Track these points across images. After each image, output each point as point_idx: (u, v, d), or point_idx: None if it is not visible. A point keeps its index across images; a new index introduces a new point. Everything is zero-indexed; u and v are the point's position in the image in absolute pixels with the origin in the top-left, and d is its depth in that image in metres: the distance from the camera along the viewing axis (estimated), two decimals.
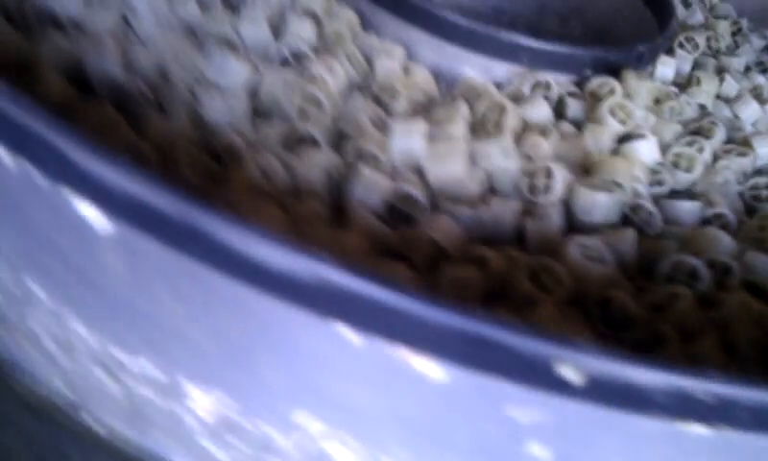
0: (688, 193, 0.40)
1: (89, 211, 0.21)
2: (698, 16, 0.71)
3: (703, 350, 0.29)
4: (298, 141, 0.35)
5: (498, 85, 0.44)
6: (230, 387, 0.23)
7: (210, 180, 0.31)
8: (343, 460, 0.23)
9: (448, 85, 0.44)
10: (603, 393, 0.19)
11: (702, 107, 0.50)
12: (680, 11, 0.70)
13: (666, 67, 0.52)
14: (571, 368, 0.19)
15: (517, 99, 0.42)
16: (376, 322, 0.19)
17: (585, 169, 0.38)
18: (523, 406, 0.20)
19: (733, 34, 0.70)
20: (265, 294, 0.20)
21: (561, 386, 0.19)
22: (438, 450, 0.23)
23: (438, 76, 0.44)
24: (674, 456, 0.21)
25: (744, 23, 0.73)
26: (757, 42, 0.69)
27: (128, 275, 0.22)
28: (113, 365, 0.24)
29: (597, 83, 0.44)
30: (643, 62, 0.47)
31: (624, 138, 0.40)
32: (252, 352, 0.22)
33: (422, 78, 0.41)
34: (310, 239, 0.28)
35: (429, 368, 0.20)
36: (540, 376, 0.19)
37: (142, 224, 0.20)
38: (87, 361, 0.25)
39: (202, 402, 0.23)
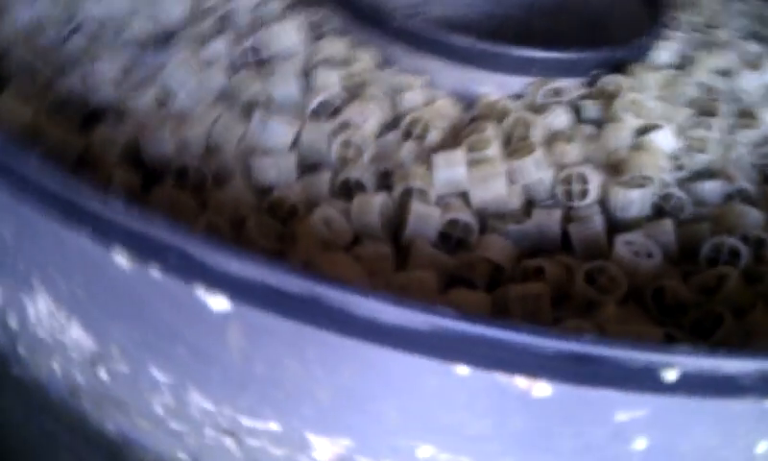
0: (708, 173, 0.43)
1: (212, 299, 0.23)
2: None
3: (755, 324, 0.32)
4: (345, 187, 0.37)
5: (514, 98, 0.46)
6: (355, 433, 0.25)
7: (279, 240, 0.33)
8: None
9: (467, 106, 0.46)
10: (698, 385, 0.22)
11: (702, 84, 0.53)
12: None
13: (662, 51, 0.54)
14: (670, 369, 0.21)
15: (535, 109, 0.44)
16: (489, 356, 0.22)
17: (612, 167, 0.40)
18: (626, 408, 0.23)
19: None
20: (383, 347, 0.22)
21: (661, 386, 0.22)
22: (547, 458, 0.25)
23: (456, 98, 0.46)
24: (762, 430, 0.24)
25: None
26: (736, 6, 0.72)
27: (250, 349, 0.24)
28: (239, 431, 0.26)
29: (607, 81, 0.46)
30: (644, 52, 0.50)
31: (642, 131, 0.43)
32: (373, 399, 0.24)
33: (446, 104, 0.44)
34: (384, 281, 0.31)
35: (539, 388, 0.22)
36: (641, 381, 0.22)
37: (262, 303, 0.23)
38: (212, 431, 0.27)
39: (326, 451, 0.26)
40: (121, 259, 0.24)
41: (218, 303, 0.23)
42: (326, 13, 0.49)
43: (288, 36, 0.44)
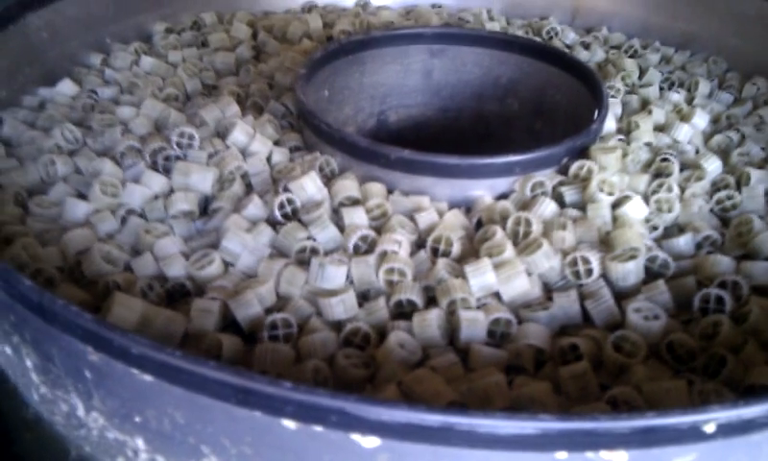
0: (678, 227, 0.52)
1: (364, 440, 0.31)
2: (600, 53, 0.84)
3: (749, 357, 0.41)
4: (399, 308, 0.45)
5: (503, 196, 0.55)
6: None
7: (366, 367, 0.41)
8: None
9: (467, 210, 0.54)
10: (729, 430, 0.30)
11: (648, 144, 0.62)
12: (583, 54, 0.83)
13: (608, 122, 0.64)
14: (709, 423, 0.30)
15: (525, 204, 0.53)
16: (581, 442, 0.30)
17: (602, 243, 0.49)
18: (681, 456, 0.31)
19: (631, 56, 0.84)
20: (502, 452, 0.30)
21: (704, 436, 0.30)
22: None
23: (454, 205, 0.54)
24: None
25: (636, 42, 0.87)
26: (653, 58, 0.82)
27: None
28: None
29: (577, 167, 0.55)
30: (598, 132, 0.59)
31: (616, 205, 0.52)
32: None
33: (454, 216, 0.52)
34: (467, 387, 0.39)
35: (618, 457, 0.30)
36: (690, 436, 0.30)
37: (407, 436, 0.30)
38: None
39: None
40: (289, 424, 0.31)
41: (370, 442, 0.31)
42: (325, 156, 0.57)
43: (311, 185, 0.52)
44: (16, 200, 0.54)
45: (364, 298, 0.47)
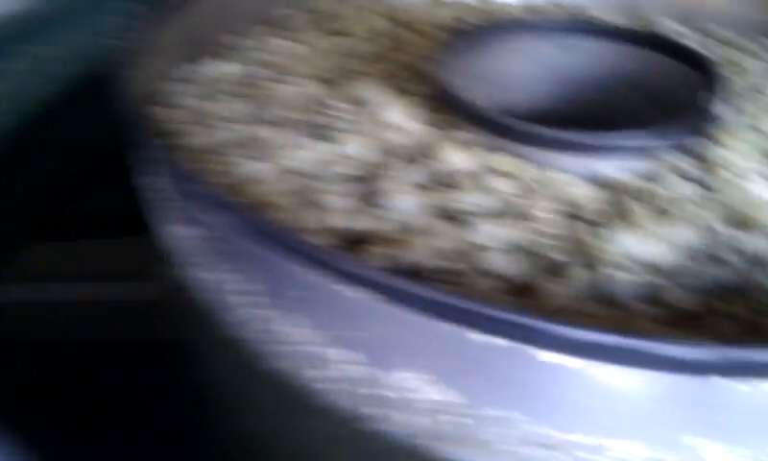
0: None
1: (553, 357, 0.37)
2: (713, 49, 0.87)
3: None
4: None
5: (638, 174, 0.60)
6: None
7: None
8: None
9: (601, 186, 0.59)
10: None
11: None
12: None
13: (727, 110, 0.67)
14: None
15: (659, 184, 0.58)
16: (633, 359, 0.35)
17: (740, 223, 0.54)
18: None
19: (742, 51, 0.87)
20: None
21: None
22: None
23: (589, 181, 0.60)
24: None
25: (745, 40, 0.90)
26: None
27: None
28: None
29: (704, 149, 0.60)
30: (717, 117, 0.64)
31: (745, 185, 0.57)
32: None
33: (591, 191, 0.58)
34: None
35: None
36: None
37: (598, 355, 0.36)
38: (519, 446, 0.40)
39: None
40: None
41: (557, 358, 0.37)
42: (472, 135, 0.63)
43: (461, 158, 0.59)
44: None
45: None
